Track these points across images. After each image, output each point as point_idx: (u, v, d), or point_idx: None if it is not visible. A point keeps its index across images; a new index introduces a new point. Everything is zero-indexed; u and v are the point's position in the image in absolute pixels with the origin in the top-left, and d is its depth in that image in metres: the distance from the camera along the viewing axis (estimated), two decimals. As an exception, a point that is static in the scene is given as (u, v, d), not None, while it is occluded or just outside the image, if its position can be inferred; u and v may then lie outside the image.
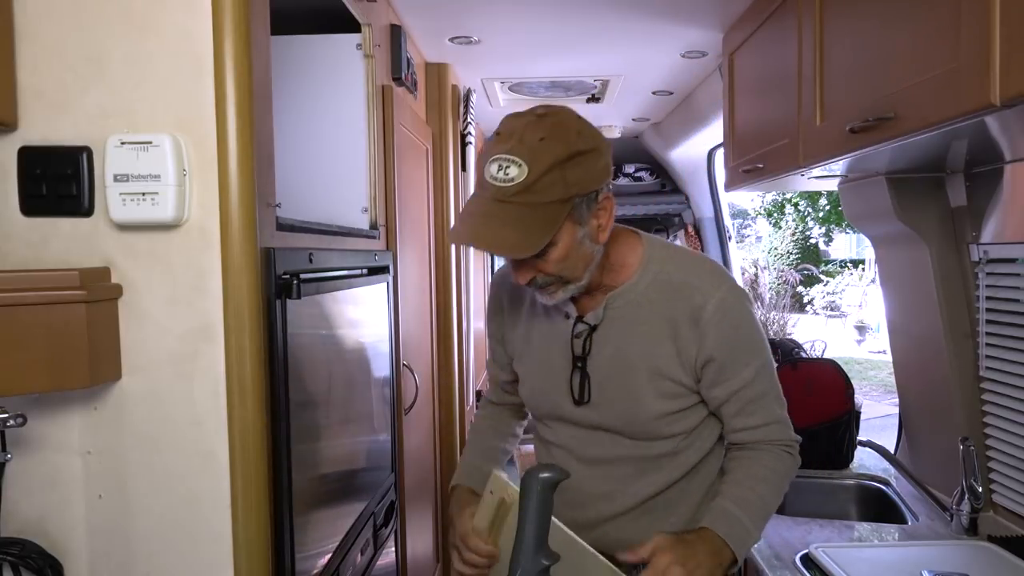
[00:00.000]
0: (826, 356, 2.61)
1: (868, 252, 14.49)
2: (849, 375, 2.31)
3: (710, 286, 1.26)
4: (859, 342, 13.03)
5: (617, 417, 1.29)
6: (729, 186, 2.47)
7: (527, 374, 1.40)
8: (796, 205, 17.05)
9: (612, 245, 1.28)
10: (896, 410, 2.36)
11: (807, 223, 17.28)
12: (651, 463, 1.31)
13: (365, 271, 1.77)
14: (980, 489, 1.77)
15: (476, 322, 3.53)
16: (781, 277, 14.13)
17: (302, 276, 1.25)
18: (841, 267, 16.29)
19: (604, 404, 1.29)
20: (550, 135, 1.12)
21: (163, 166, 1.08)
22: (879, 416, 6.89)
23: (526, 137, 1.12)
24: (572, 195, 1.13)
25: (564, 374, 1.31)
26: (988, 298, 1.81)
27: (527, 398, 1.43)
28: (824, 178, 2.02)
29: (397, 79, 2.15)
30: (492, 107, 3.55)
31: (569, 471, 1.14)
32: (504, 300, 1.43)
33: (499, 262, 4.78)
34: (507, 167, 1.10)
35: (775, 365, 1.34)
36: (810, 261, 16.62)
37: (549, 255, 1.17)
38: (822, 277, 15.62)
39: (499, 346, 1.48)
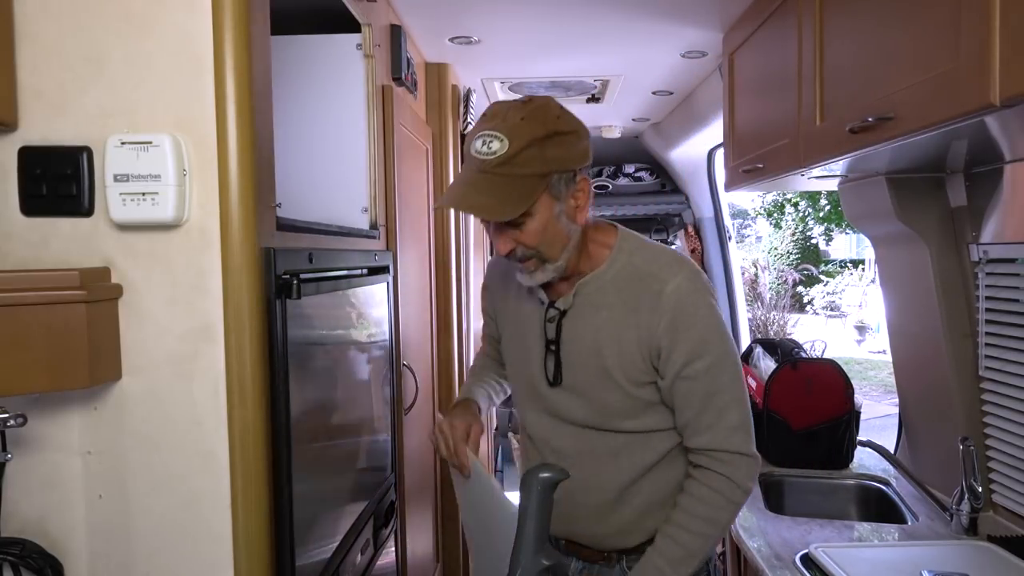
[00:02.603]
0: (826, 356, 2.60)
1: (868, 252, 14.48)
2: (849, 375, 2.31)
3: (669, 273, 1.28)
4: (859, 342, 13.02)
5: (583, 405, 1.32)
6: (729, 186, 2.47)
7: (509, 355, 1.47)
8: (796, 205, 17.03)
9: (590, 235, 1.34)
10: (896, 410, 2.36)
11: (807, 223, 17.26)
12: (610, 458, 1.33)
13: (365, 271, 1.77)
14: (980, 489, 1.77)
15: (476, 322, 3.53)
16: (781, 277, 14.13)
17: (302, 276, 1.25)
18: (841, 267, 16.28)
19: (575, 386, 1.33)
20: (531, 115, 1.20)
21: (163, 166, 1.08)
22: (879, 416, 6.89)
23: (509, 116, 1.20)
24: (550, 171, 1.21)
25: (540, 356, 1.36)
26: (988, 298, 1.81)
27: (510, 377, 1.50)
28: (824, 178, 2.02)
29: (397, 79, 2.15)
30: (492, 107, 3.55)
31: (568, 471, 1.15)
32: (495, 283, 1.53)
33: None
34: (490, 142, 1.19)
35: (738, 369, 1.30)
36: (810, 261, 16.61)
37: (528, 226, 1.23)
38: (822, 277, 15.62)
39: (491, 320, 1.57)
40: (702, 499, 1.26)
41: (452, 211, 2.79)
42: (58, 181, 1.10)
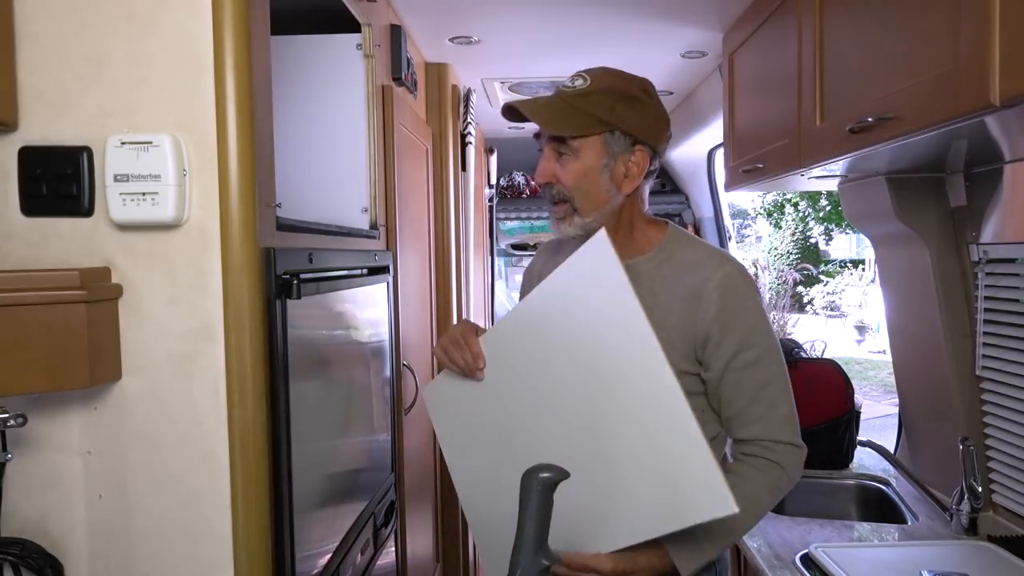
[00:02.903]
0: (826, 356, 2.60)
1: (868, 252, 14.48)
2: (849, 375, 2.31)
3: (718, 265, 1.29)
4: (859, 342, 13.02)
5: None
6: (729, 186, 2.47)
7: None
8: (796, 205, 17.03)
9: (640, 224, 1.37)
10: (896, 410, 2.36)
11: (807, 223, 17.26)
12: None
13: (365, 271, 1.77)
14: (980, 489, 1.77)
15: (476, 322, 3.52)
16: (781, 277, 14.13)
17: (302, 276, 1.25)
18: (841, 267, 16.28)
19: None
20: (622, 75, 1.31)
21: (163, 166, 1.08)
22: (879, 416, 6.89)
23: (605, 71, 1.31)
24: (613, 123, 1.26)
25: None
26: (987, 298, 1.81)
27: None
28: (824, 178, 2.02)
29: (397, 79, 2.15)
30: (492, 107, 3.55)
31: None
32: (539, 261, 1.56)
33: (499, 264, 4.78)
34: (576, 80, 1.30)
35: (784, 363, 1.31)
36: (810, 261, 16.60)
37: (570, 164, 1.28)
38: (822, 277, 15.61)
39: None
40: (749, 479, 1.26)
41: (452, 210, 2.79)
42: (58, 181, 1.10)
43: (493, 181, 4.17)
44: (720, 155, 3.32)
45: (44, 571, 1.11)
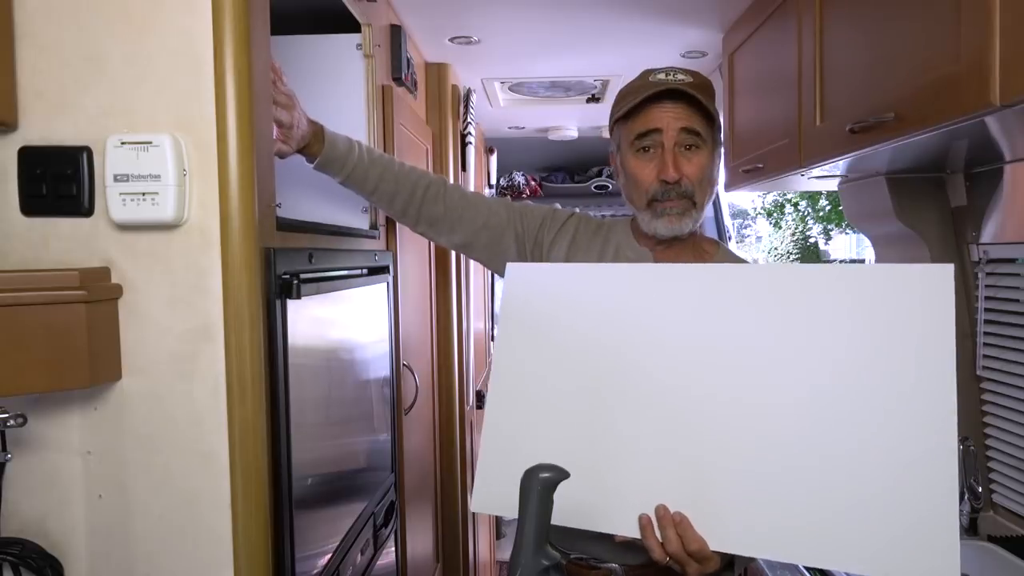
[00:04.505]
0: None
1: (868, 252, 14.46)
2: (849, 375, 2.31)
3: None
4: (859, 342, 12.99)
5: None
6: (729, 186, 2.47)
7: None
8: (796, 205, 17.01)
9: (700, 234, 1.40)
10: (896, 410, 2.35)
11: (807, 223, 17.25)
12: None
13: (365, 271, 1.77)
14: (980, 489, 1.77)
15: (476, 322, 3.53)
16: (781, 277, 14.07)
17: (302, 276, 1.25)
18: (841, 267, 16.22)
19: None
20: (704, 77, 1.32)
21: (163, 166, 1.08)
22: (879, 416, 6.87)
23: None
24: (717, 117, 1.26)
25: None
26: (988, 298, 1.81)
27: None
28: (824, 178, 2.02)
29: (397, 79, 2.15)
30: (492, 107, 3.55)
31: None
32: (578, 233, 1.47)
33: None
34: (678, 75, 1.24)
35: None
36: (810, 261, 16.60)
37: (696, 157, 1.25)
38: (822, 277, 15.54)
39: (514, 227, 1.53)
40: None
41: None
42: (58, 181, 1.10)
43: (493, 181, 4.17)
44: (720, 155, 3.31)
45: (44, 571, 1.11)
